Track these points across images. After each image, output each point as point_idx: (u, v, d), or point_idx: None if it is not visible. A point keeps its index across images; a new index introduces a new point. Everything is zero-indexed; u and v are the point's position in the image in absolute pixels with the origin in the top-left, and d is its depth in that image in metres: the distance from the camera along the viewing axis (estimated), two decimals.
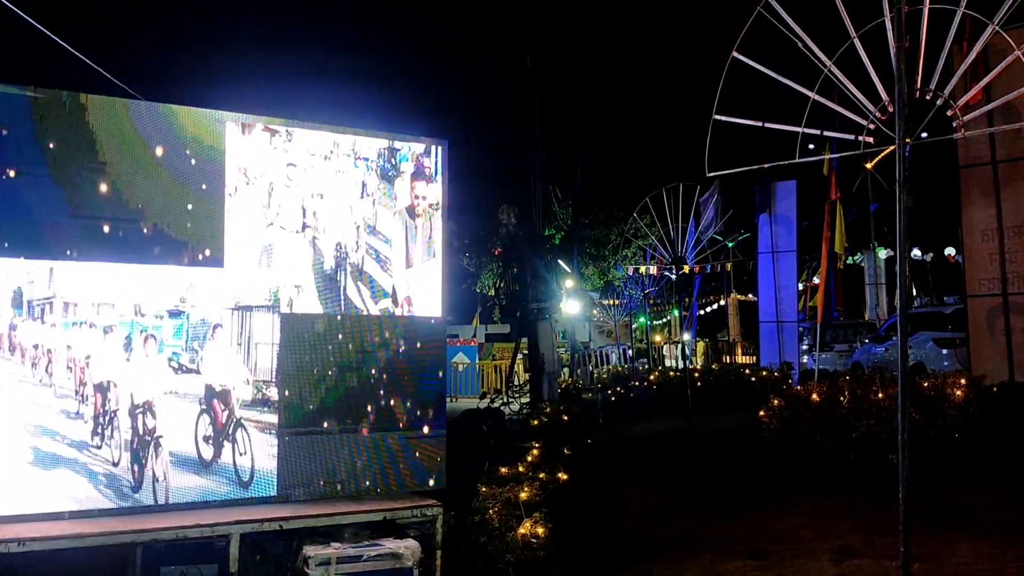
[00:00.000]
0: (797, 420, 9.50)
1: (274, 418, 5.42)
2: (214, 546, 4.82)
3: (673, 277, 23.34)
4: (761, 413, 10.13)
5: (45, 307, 4.84)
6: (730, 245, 30.14)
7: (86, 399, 4.93)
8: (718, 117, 5.83)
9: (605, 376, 22.49)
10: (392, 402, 5.81)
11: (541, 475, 6.46)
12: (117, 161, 4.94)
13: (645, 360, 26.99)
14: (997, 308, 11.81)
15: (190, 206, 5.18)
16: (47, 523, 4.61)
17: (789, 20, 5.60)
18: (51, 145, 4.75)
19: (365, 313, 5.74)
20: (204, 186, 5.22)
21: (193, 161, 5.18)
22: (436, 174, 6.00)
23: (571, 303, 27.26)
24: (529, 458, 6.96)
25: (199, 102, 5.23)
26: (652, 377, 18.85)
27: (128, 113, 5.00)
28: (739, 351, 31.80)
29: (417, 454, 5.85)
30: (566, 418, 9.70)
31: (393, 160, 5.87)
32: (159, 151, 5.07)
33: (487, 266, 30.08)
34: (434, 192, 5.99)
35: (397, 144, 5.90)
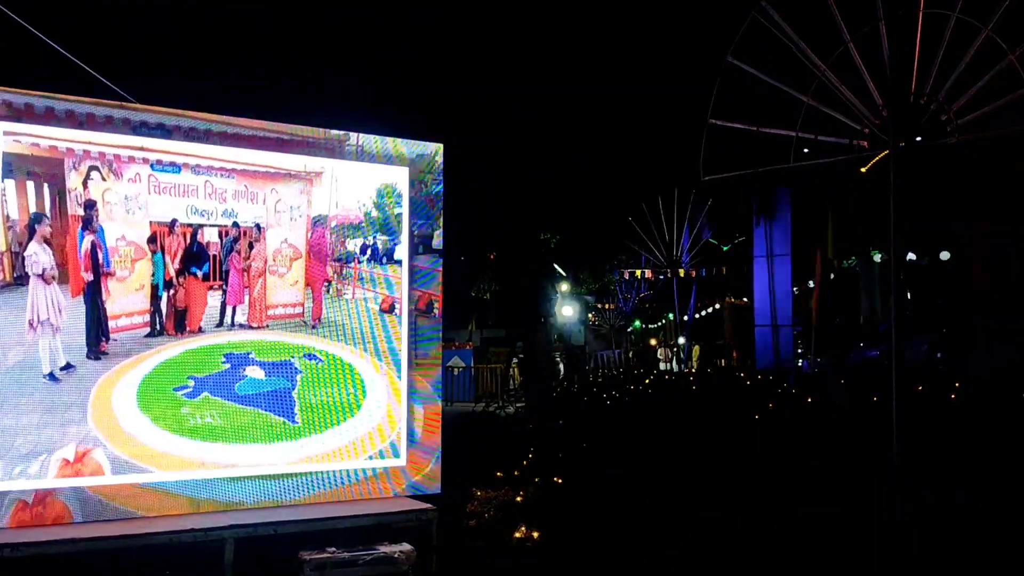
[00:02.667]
0: (791, 423, 9.52)
1: None
2: (208, 550, 4.81)
3: (670, 279, 23.37)
4: (756, 416, 10.14)
5: None
6: (725, 249, 30.19)
7: None
8: (713, 121, 5.85)
9: (600, 380, 22.47)
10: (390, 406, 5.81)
11: (536, 478, 6.47)
12: None
13: (641, 365, 26.99)
14: (989, 312, 11.84)
15: None
16: (40, 529, 4.59)
17: (784, 24, 5.62)
18: None
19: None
20: None
21: None
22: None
23: (566, 307, 27.28)
24: (524, 462, 6.97)
25: (188, 104, 5.23)
26: (647, 381, 18.84)
27: None
28: (734, 354, 31.79)
29: (412, 458, 5.83)
30: (561, 422, 9.70)
31: None
32: None
33: (484, 271, 30.09)
34: None
35: None
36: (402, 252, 5.88)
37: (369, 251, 5.77)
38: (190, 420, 5.09)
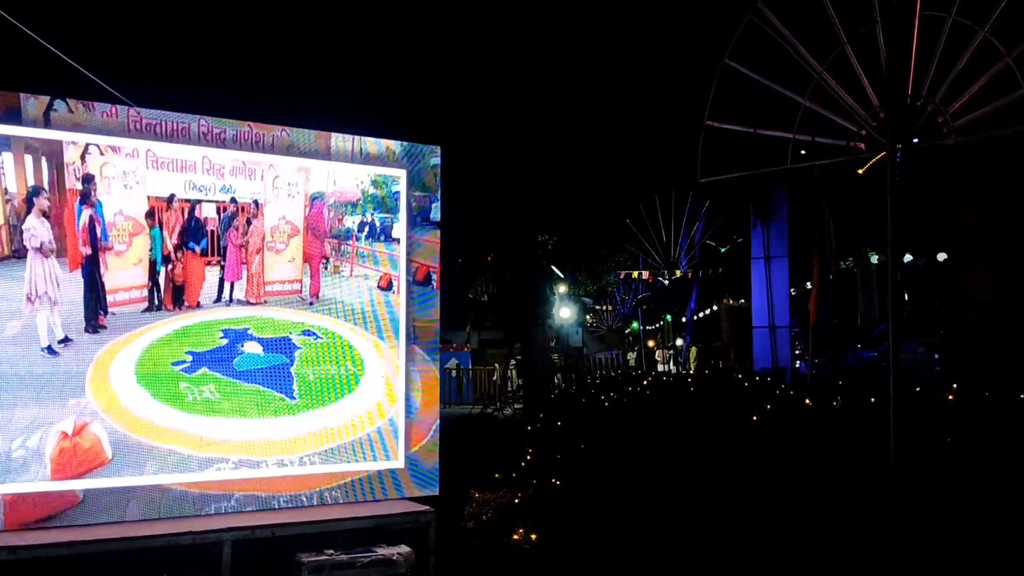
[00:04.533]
0: (789, 423, 9.50)
1: None
2: (207, 553, 4.81)
3: (666, 282, 23.34)
4: (754, 417, 10.13)
5: None
6: (722, 251, 30.19)
7: None
8: (710, 123, 5.86)
9: (599, 381, 22.45)
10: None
11: (534, 480, 6.47)
12: None
13: (641, 366, 26.99)
14: (989, 314, 11.85)
15: None
16: (38, 532, 4.58)
17: (780, 26, 5.63)
18: None
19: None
20: None
21: None
22: None
23: (564, 309, 27.28)
24: (522, 464, 6.96)
25: (187, 106, 5.24)
26: (645, 382, 18.82)
27: None
28: (732, 356, 31.76)
29: (411, 460, 5.83)
30: (559, 423, 9.68)
31: None
32: None
33: (481, 272, 30.07)
34: None
35: None
36: (400, 230, 5.90)
37: (367, 228, 5.80)
38: (188, 395, 5.13)
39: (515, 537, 5.69)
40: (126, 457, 4.92)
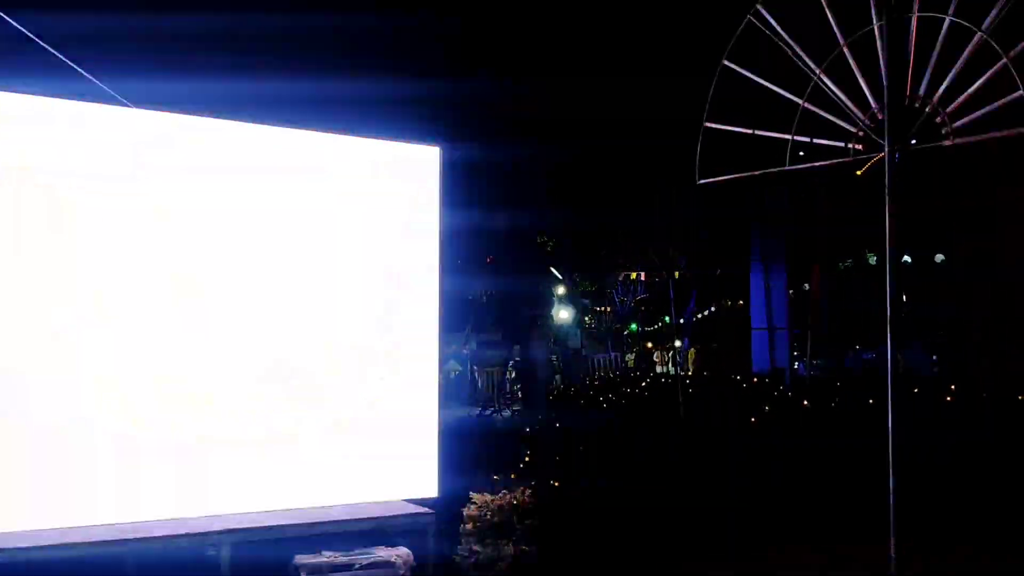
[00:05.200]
0: (788, 424, 9.54)
1: None
2: (205, 555, 4.81)
3: (668, 281, 23.32)
4: (752, 419, 10.16)
5: None
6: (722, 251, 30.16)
7: None
8: (709, 124, 5.86)
9: (597, 382, 22.47)
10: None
11: (533, 482, 6.47)
12: None
13: (641, 367, 27.00)
14: (987, 315, 11.88)
15: None
16: (38, 532, 4.58)
17: (778, 28, 5.63)
18: None
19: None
20: None
21: None
22: None
23: (563, 310, 27.31)
24: (521, 465, 6.97)
25: (187, 106, 5.23)
26: (644, 384, 18.85)
27: None
28: (731, 357, 31.77)
29: (409, 461, 5.83)
30: (558, 425, 9.70)
31: None
32: None
33: (481, 273, 30.07)
34: None
35: None
36: (401, 225, 5.93)
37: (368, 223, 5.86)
38: None
39: (514, 539, 5.69)
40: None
